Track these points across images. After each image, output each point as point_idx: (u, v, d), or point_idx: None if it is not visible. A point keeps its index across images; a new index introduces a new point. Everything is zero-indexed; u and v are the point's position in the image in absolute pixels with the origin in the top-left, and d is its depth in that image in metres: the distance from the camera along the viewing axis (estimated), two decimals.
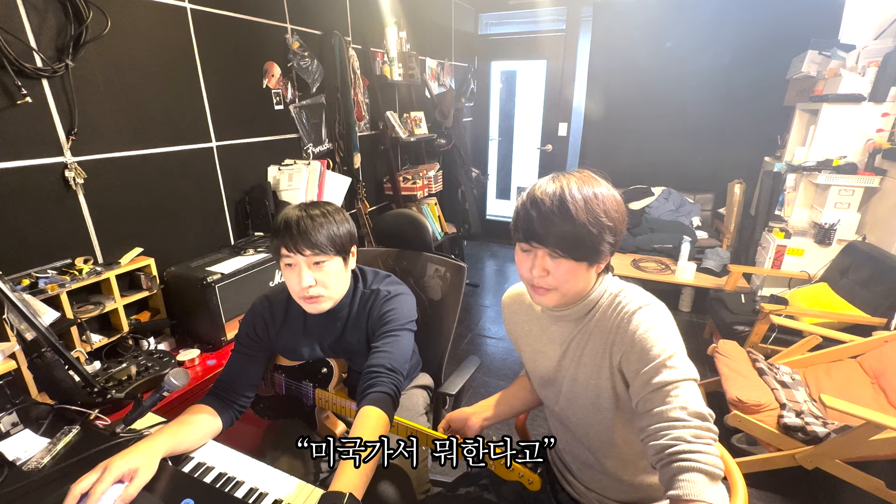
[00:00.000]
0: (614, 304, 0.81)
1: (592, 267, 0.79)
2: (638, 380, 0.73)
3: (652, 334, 0.73)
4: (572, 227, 0.73)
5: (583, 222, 0.73)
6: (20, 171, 1.35)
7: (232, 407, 1.04)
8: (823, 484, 1.65)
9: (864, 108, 2.47)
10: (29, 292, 1.30)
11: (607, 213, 0.75)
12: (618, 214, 0.77)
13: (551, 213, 0.74)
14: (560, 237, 0.75)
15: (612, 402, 0.81)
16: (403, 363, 1.01)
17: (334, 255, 1.01)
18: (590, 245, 0.75)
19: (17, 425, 0.96)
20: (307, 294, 1.00)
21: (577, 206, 0.73)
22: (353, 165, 2.66)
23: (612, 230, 0.76)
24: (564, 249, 0.75)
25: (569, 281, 0.78)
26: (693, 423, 0.66)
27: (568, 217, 0.73)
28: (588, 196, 0.74)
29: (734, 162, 3.57)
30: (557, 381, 0.90)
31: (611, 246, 0.78)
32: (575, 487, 0.96)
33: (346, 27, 2.62)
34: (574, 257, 0.76)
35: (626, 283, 0.84)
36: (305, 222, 0.97)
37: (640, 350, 0.73)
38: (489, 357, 2.72)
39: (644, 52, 3.70)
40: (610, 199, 0.77)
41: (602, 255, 0.77)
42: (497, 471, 0.87)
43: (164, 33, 1.69)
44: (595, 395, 0.83)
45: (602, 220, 0.74)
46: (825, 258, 2.53)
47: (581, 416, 0.87)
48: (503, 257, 4.47)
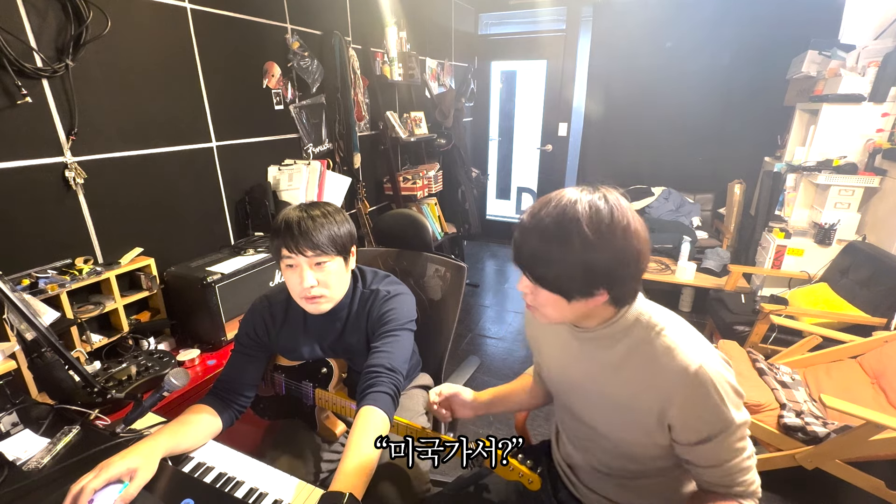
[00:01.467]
0: (659, 347, 0.73)
1: (574, 301, 0.71)
2: (697, 450, 0.73)
3: (711, 403, 0.69)
4: (534, 253, 0.70)
5: (536, 249, 0.69)
6: (20, 171, 1.35)
7: (232, 407, 1.04)
8: (823, 484, 1.65)
9: (864, 108, 2.47)
10: (29, 292, 1.30)
11: (585, 244, 0.66)
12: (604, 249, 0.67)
13: (524, 230, 0.71)
14: (527, 260, 0.72)
15: (646, 433, 0.77)
16: (403, 363, 1.01)
17: (335, 256, 1.01)
18: (554, 277, 0.70)
19: (17, 425, 0.96)
20: (309, 294, 1.00)
21: (541, 226, 0.69)
22: (353, 165, 2.66)
23: (589, 265, 0.67)
24: (533, 277, 0.72)
25: (550, 308, 0.74)
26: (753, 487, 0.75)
27: (528, 239, 0.70)
28: (565, 219, 0.67)
29: (734, 162, 3.57)
30: (581, 392, 0.86)
31: (595, 283, 0.69)
32: (578, 489, 0.95)
33: (346, 27, 2.62)
34: (545, 287, 0.72)
35: (662, 314, 0.77)
36: (307, 223, 0.97)
37: (698, 421, 0.70)
38: (489, 357, 2.72)
39: (644, 52, 3.70)
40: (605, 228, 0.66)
41: (577, 292, 0.70)
42: (497, 470, 0.87)
43: (164, 33, 1.69)
44: (629, 418, 0.78)
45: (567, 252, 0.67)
46: (825, 258, 2.53)
47: (606, 428, 0.83)
48: (503, 257, 4.47)
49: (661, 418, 0.73)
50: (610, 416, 0.81)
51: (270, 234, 1.02)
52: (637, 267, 0.70)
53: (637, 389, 0.75)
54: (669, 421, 0.73)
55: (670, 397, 0.71)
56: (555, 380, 0.94)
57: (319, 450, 1.17)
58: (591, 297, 0.71)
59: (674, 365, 0.70)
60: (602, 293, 0.70)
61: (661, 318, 0.76)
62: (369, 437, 0.84)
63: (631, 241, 0.68)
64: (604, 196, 0.69)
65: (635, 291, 0.75)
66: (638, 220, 0.70)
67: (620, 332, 0.77)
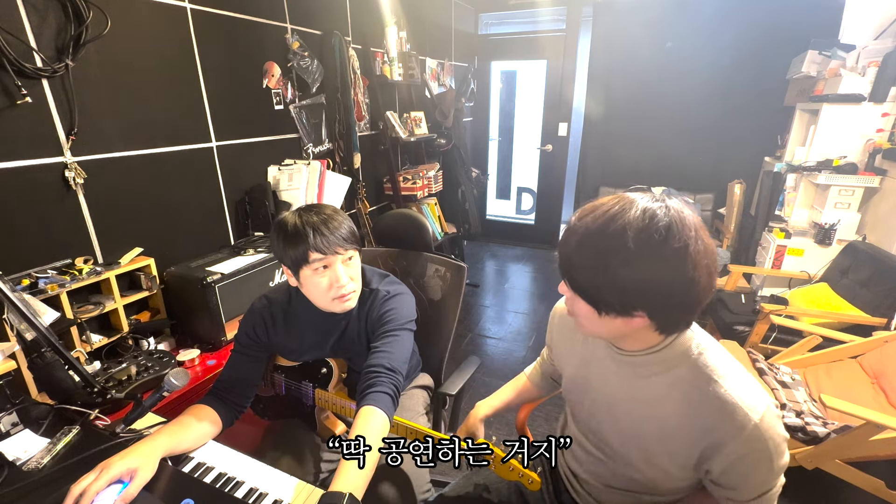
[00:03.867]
0: (709, 393, 0.66)
1: (608, 316, 0.66)
2: (728, 492, 0.70)
3: (761, 463, 0.65)
4: (571, 256, 0.65)
5: (573, 252, 0.65)
6: (20, 171, 1.35)
7: (232, 407, 1.03)
8: (823, 484, 1.65)
9: (864, 108, 2.47)
10: (29, 292, 1.30)
11: (627, 262, 0.59)
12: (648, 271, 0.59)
13: (569, 229, 0.66)
14: (564, 263, 0.67)
15: (676, 467, 0.73)
16: (403, 363, 1.01)
17: (357, 249, 1.03)
18: (591, 288, 0.65)
19: (17, 425, 0.96)
20: (346, 291, 1.00)
21: (578, 234, 0.64)
22: (353, 165, 2.66)
23: (628, 285, 0.61)
24: (568, 282, 0.67)
25: (584, 319, 0.70)
26: None
27: (569, 240, 0.65)
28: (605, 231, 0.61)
29: (734, 162, 3.57)
30: (606, 413, 0.82)
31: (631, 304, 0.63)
32: (581, 496, 0.94)
33: (346, 27, 2.62)
34: (580, 295, 0.67)
35: (716, 353, 0.70)
36: (331, 223, 0.97)
37: (741, 476, 0.68)
38: (489, 357, 2.72)
39: (644, 52, 3.70)
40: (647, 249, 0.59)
41: (610, 306, 0.64)
42: (497, 470, 0.87)
43: (164, 33, 1.69)
44: (657, 451, 0.74)
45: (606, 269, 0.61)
46: (825, 258, 2.53)
47: (626, 452, 0.80)
48: (503, 257, 4.47)
49: (699, 462, 0.69)
50: (635, 443, 0.77)
51: (281, 244, 0.98)
52: (687, 297, 0.61)
53: (675, 430, 0.70)
54: (709, 466, 0.69)
55: (718, 447, 0.66)
56: (575, 394, 0.89)
57: (319, 450, 1.17)
58: (628, 318, 0.64)
59: (726, 416, 0.65)
60: (641, 316, 0.64)
61: (713, 357, 0.69)
62: (369, 437, 0.84)
63: (683, 267, 0.59)
64: (666, 207, 0.60)
65: (687, 322, 0.68)
66: (704, 246, 0.60)
67: (664, 364, 0.71)
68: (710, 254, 0.61)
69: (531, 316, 3.25)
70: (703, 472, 0.71)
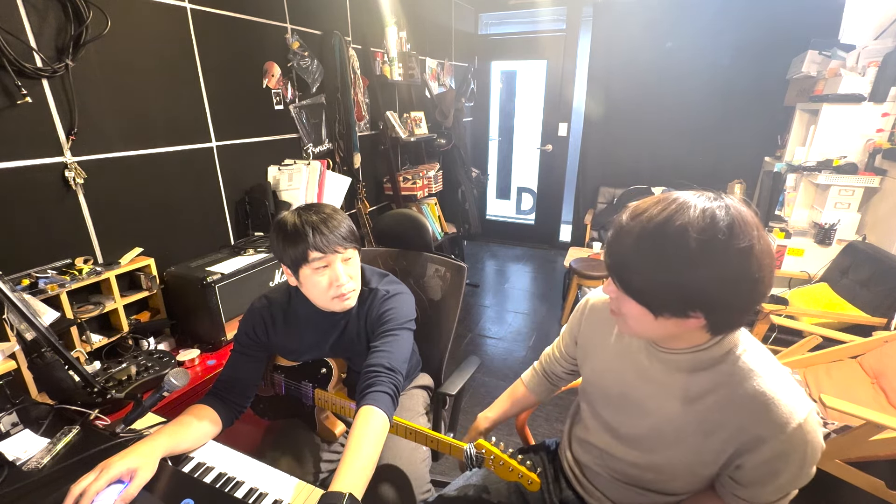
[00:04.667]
0: (752, 390, 0.66)
1: (662, 318, 0.65)
2: (748, 489, 0.70)
3: (797, 464, 0.65)
4: (625, 257, 0.65)
5: (628, 253, 0.64)
6: (20, 171, 1.35)
7: (232, 407, 1.03)
8: (823, 484, 1.65)
9: (864, 108, 2.47)
10: (29, 292, 1.30)
11: (692, 260, 0.58)
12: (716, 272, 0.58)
13: (621, 230, 0.65)
14: (616, 264, 0.66)
15: (703, 465, 0.74)
16: (402, 362, 1.01)
17: (356, 248, 1.03)
18: (643, 289, 0.64)
19: (17, 425, 0.96)
20: (345, 290, 1.00)
21: (632, 237, 0.62)
22: (353, 165, 2.66)
23: (688, 288, 0.60)
24: (620, 283, 0.66)
25: (633, 320, 0.69)
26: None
27: (623, 240, 0.64)
28: (664, 232, 0.59)
29: (734, 162, 3.57)
30: (634, 411, 0.81)
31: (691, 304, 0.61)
32: (589, 491, 0.94)
33: (346, 27, 2.62)
34: (632, 296, 0.66)
35: (759, 353, 0.70)
36: (330, 222, 0.97)
37: (773, 475, 0.67)
38: (489, 357, 2.72)
39: (644, 52, 3.70)
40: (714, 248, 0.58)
41: (666, 307, 0.63)
42: (496, 471, 0.87)
43: (164, 33, 1.69)
44: (689, 449, 0.74)
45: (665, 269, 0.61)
46: (825, 258, 2.53)
47: (652, 449, 0.79)
48: (503, 257, 4.47)
49: (732, 457, 0.69)
50: (664, 441, 0.76)
51: (281, 244, 0.98)
52: (750, 297, 0.61)
53: (713, 425, 0.70)
54: (741, 461, 0.68)
55: (757, 442, 0.66)
56: (598, 391, 0.89)
57: (319, 450, 1.17)
58: (683, 318, 0.63)
59: (771, 413, 0.64)
60: (697, 316, 0.63)
61: (758, 357, 0.69)
62: (369, 437, 0.84)
63: (748, 267, 0.58)
64: (725, 206, 0.60)
65: (740, 322, 0.67)
66: (765, 244, 0.59)
67: (707, 362, 0.70)
68: (771, 252, 0.60)
69: (531, 316, 3.25)
70: (732, 468, 0.71)
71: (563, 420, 2.09)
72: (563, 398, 2.17)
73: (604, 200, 3.99)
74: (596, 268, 2.87)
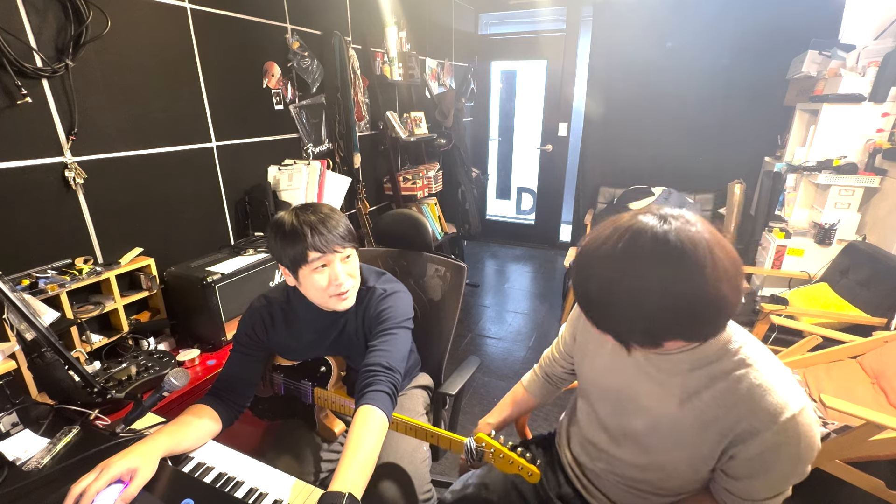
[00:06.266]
0: (748, 382, 0.68)
1: (636, 349, 0.68)
2: (741, 483, 0.71)
3: (792, 455, 0.66)
4: (594, 307, 0.66)
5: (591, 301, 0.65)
6: (20, 171, 1.35)
7: (232, 406, 1.04)
8: (823, 484, 1.65)
9: (864, 108, 2.46)
10: (29, 292, 1.30)
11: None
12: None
13: (587, 277, 0.65)
14: (587, 310, 0.67)
15: (702, 459, 0.75)
16: (401, 361, 1.01)
17: (354, 247, 1.04)
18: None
19: (17, 425, 0.96)
20: (344, 289, 1.01)
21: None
22: (353, 165, 2.66)
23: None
24: (593, 323, 0.67)
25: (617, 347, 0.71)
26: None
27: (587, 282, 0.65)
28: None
29: (734, 162, 3.57)
30: (632, 410, 0.82)
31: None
32: (588, 490, 0.94)
33: (346, 27, 2.62)
34: (610, 335, 0.67)
35: (755, 347, 0.72)
36: (328, 222, 0.97)
37: (767, 468, 0.68)
38: (489, 357, 2.72)
39: (644, 52, 3.70)
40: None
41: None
42: (497, 464, 0.87)
43: (164, 33, 1.69)
44: (687, 443, 0.75)
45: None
46: (825, 258, 2.53)
47: (650, 447, 0.80)
48: (503, 257, 4.47)
49: (726, 450, 0.70)
50: (663, 438, 0.78)
51: (279, 244, 0.98)
52: (717, 314, 0.60)
53: (709, 419, 0.71)
54: (735, 452, 0.69)
55: (751, 433, 0.66)
56: (597, 390, 0.90)
57: (319, 449, 1.17)
58: (657, 347, 0.66)
59: (765, 404, 0.65)
60: (672, 341, 0.64)
61: (753, 351, 0.71)
62: (368, 437, 0.84)
63: (705, 288, 0.57)
64: (674, 229, 0.58)
65: (719, 330, 0.67)
66: (723, 260, 0.58)
67: (702, 359, 0.72)
68: (730, 267, 0.58)
69: (531, 316, 3.25)
70: (725, 460, 0.72)
71: None
72: (563, 397, 2.17)
73: (604, 200, 3.99)
74: None
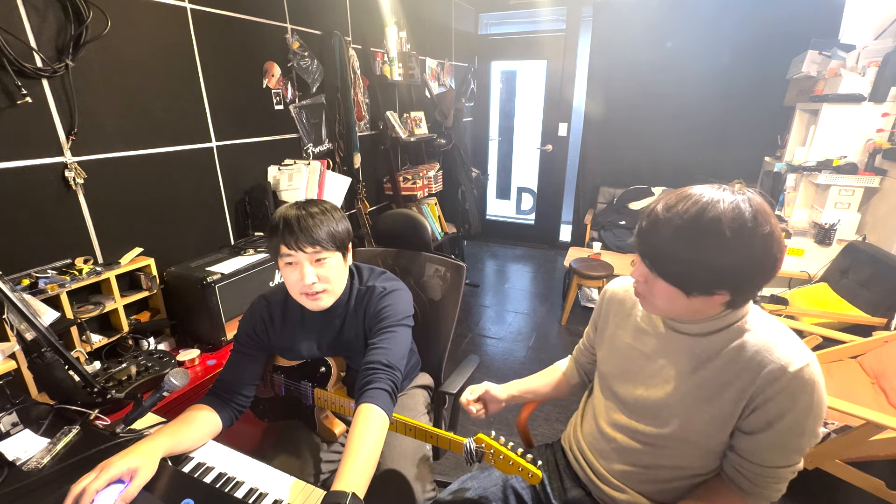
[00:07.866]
0: (760, 340, 0.74)
1: (693, 297, 0.73)
2: (755, 440, 0.75)
3: (805, 404, 0.71)
4: (662, 246, 0.72)
5: (664, 242, 0.71)
6: (20, 171, 1.35)
7: (232, 406, 1.04)
8: (823, 484, 1.65)
9: (864, 108, 2.47)
10: (29, 292, 1.30)
11: (722, 247, 0.67)
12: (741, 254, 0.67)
13: (657, 221, 0.72)
14: (652, 252, 0.73)
15: (720, 425, 0.78)
16: (401, 359, 1.01)
17: (335, 251, 1.02)
18: (680, 273, 0.71)
19: (17, 425, 0.96)
20: (310, 290, 1.00)
21: (671, 225, 0.70)
22: (353, 165, 2.66)
23: (721, 269, 0.68)
24: (655, 269, 0.74)
25: (662, 300, 0.76)
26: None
27: (660, 230, 0.71)
28: (700, 221, 0.67)
29: (734, 162, 3.57)
30: (652, 384, 0.86)
31: (719, 282, 0.70)
32: (597, 486, 0.94)
33: (346, 27, 2.62)
34: (665, 279, 0.73)
35: (764, 314, 0.79)
36: (306, 220, 0.97)
37: (780, 434, 0.73)
38: (489, 357, 2.72)
39: (644, 52, 3.70)
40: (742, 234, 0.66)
41: (701, 288, 0.71)
42: (497, 465, 0.87)
43: (164, 33, 1.69)
44: (706, 410, 0.79)
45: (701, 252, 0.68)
46: (825, 258, 2.53)
47: (670, 420, 0.83)
48: (503, 257, 4.47)
49: (748, 403, 0.74)
50: (679, 408, 0.81)
51: (267, 234, 1.02)
52: (769, 274, 0.70)
53: (726, 379, 0.76)
54: (756, 405, 0.73)
55: (767, 383, 0.71)
56: (615, 367, 0.93)
57: (319, 450, 1.17)
58: (710, 296, 0.72)
59: (776, 356, 0.71)
60: (723, 294, 0.71)
61: (761, 318, 0.78)
62: (369, 436, 0.84)
63: (770, 249, 0.68)
64: (748, 198, 0.69)
65: (754, 296, 0.76)
66: (778, 229, 0.69)
67: (717, 328, 0.78)
68: (781, 235, 0.70)
69: (531, 316, 3.25)
70: (746, 416, 0.75)
71: (563, 420, 2.09)
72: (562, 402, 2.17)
73: (604, 200, 3.99)
74: (596, 268, 2.87)
